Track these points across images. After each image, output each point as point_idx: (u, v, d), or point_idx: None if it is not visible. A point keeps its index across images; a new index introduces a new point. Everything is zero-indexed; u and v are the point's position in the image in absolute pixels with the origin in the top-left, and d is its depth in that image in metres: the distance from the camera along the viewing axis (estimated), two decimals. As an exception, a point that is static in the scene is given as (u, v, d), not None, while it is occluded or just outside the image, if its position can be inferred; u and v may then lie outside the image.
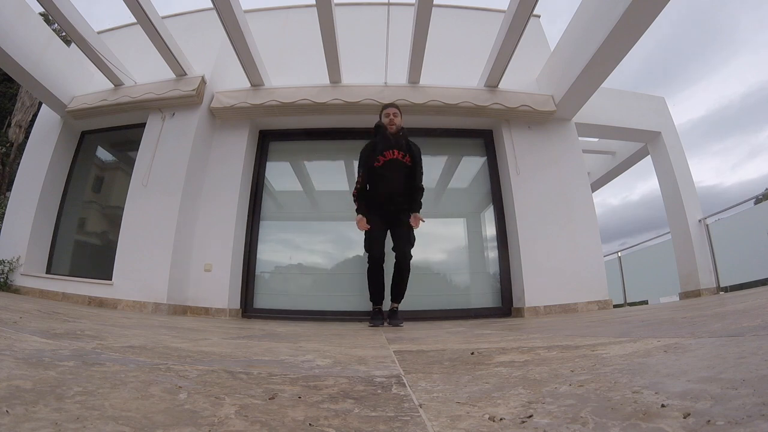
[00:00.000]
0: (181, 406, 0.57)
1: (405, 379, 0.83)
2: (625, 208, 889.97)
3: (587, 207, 4.55)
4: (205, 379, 0.78)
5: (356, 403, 0.62)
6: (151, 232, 4.10)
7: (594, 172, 7.47)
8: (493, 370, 0.89)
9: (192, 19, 5.44)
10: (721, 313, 1.73)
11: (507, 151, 4.61)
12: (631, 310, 3.73)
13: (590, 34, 3.84)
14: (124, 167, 5.20)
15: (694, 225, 5.29)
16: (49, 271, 4.62)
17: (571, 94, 4.39)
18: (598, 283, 4.27)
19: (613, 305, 4.36)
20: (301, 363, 1.05)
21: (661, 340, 1.10)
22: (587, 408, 0.53)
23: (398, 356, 1.22)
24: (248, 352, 1.27)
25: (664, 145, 5.60)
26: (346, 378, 0.84)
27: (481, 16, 5.52)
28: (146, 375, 0.77)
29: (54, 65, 4.62)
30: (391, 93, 4.52)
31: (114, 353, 1.04)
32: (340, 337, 2.02)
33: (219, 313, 4.06)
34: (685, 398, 0.52)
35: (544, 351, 1.16)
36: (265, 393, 0.68)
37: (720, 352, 0.80)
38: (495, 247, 4.62)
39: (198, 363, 0.97)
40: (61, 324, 1.72)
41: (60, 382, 0.64)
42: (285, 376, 0.85)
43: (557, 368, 0.85)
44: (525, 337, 1.69)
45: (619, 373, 0.73)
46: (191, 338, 1.62)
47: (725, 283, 5.12)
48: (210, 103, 4.65)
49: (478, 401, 0.62)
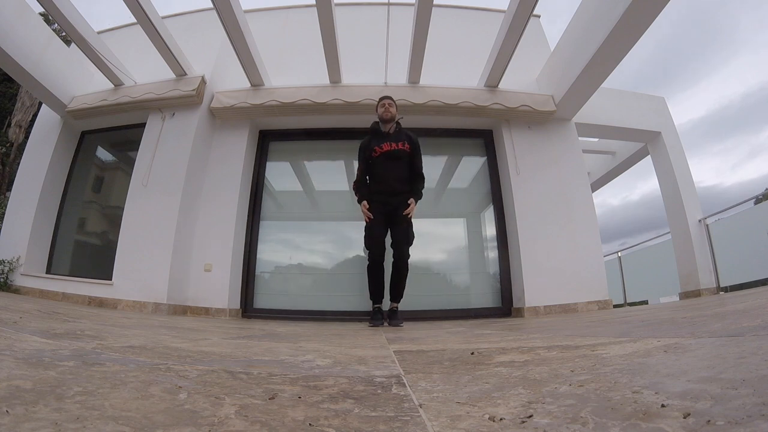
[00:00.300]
0: (181, 406, 0.57)
1: (405, 379, 0.83)
2: (625, 208, 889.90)
3: (587, 207, 4.55)
4: (205, 379, 0.78)
5: (356, 403, 0.62)
6: (151, 232, 4.10)
7: (594, 172, 7.47)
8: (493, 370, 0.89)
9: (192, 19, 5.44)
10: (721, 313, 1.73)
11: (507, 151, 4.61)
12: (631, 310, 3.72)
13: (590, 33, 3.84)
14: (124, 167, 5.21)
15: (694, 225, 5.29)
16: (49, 271, 4.62)
17: (571, 94, 4.39)
18: (598, 283, 4.27)
19: (613, 305, 4.36)
20: (301, 363, 1.05)
21: (661, 340, 1.10)
22: (587, 408, 0.53)
23: (398, 356, 1.22)
24: (248, 352, 1.27)
25: (664, 145, 5.60)
26: (346, 378, 0.84)
27: (481, 16, 5.52)
28: (146, 375, 0.77)
29: (54, 65, 4.62)
30: (391, 93, 4.46)
31: (114, 353, 1.04)
32: (340, 337, 2.02)
33: (219, 313, 4.06)
34: (685, 398, 0.52)
35: (544, 351, 1.16)
36: (265, 393, 0.68)
37: (720, 352, 0.80)
38: (495, 247, 4.62)
39: (198, 363, 0.97)
40: (61, 324, 1.72)
41: (60, 382, 0.64)
42: (285, 376, 0.85)
43: (557, 368, 0.85)
44: (525, 337, 1.69)
45: (619, 373, 0.73)
46: (191, 338, 1.62)
47: (725, 283, 5.12)
48: (210, 103, 4.65)
49: (478, 401, 0.62)
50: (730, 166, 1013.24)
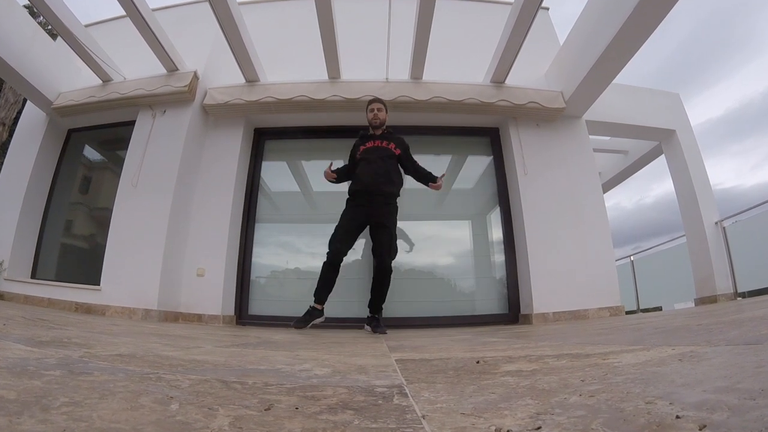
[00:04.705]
0: (172, 417, 0.57)
1: (407, 389, 0.83)
2: (639, 211, 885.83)
3: (598, 208, 4.55)
4: (198, 389, 0.78)
5: (356, 415, 0.62)
6: (141, 235, 4.10)
7: (605, 172, 7.47)
8: (500, 380, 0.89)
9: (184, 12, 5.45)
10: (739, 320, 1.72)
11: (514, 150, 4.60)
12: (644, 317, 3.72)
13: (602, 26, 3.84)
14: (113, 167, 5.21)
15: (710, 227, 5.28)
16: (34, 276, 4.63)
17: (581, 91, 4.39)
18: (610, 288, 4.27)
19: (625, 312, 4.36)
20: (298, 372, 1.05)
21: (676, 348, 1.10)
22: (598, 419, 0.53)
23: (400, 365, 1.22)
24: (243, 360, 1.27)
25: (678, 144, 5.60)
26: (345, 388, 0.84)
27: (487, 8, 5.53)
28: (136, 385, 0.77)
29: (39, 60, 4.63)
30: (392, 89, 4.53)
31: (102, 362, 1.04)
32: (339, 344, 2.02)
33: (212, 320, 4.07)
34: (701, 409, 0.52)
35: (553, 360, 1.16)
36: (261, 404, 0.68)
37: (737, 360, 0.80)
38: (501, 250, 4.62)
39: (190, 372, 0.97)
40: (47, 331, 1.72)
41: (46, 392, 0.64)
42: (281, 385, 0.85)
43: (567, 378, 0.85)
44: (533, 345, 1.69)
45: (632, 382, 0.73)
46: (183, 346, 1.62)
47: (743, 288, 5.10)
48: (203, 99, 4.66)
49: (483, 412, 0.62)
50: (750, 167, 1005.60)
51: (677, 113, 5.76)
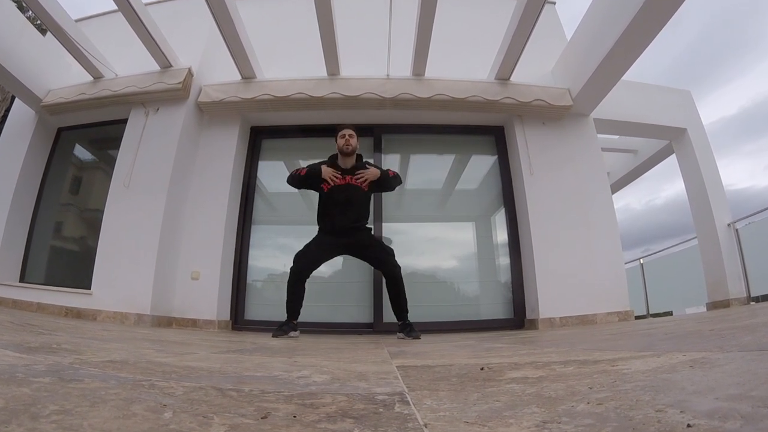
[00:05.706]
0: (166, 425, 0.57)
1: (409, 397, 0.83)
2: (650, 213, 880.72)
3: (607, 209, 4.55)
4: (192, 396, 0.78)
5: (356, 423, 0.62)
6: (133, 238, 4.10)
7: (614, 172, 7.47)
8: (505, 387, 0.89)
9: (178, 6, 5.45)
10: (752, 325, 1.72)
11: (519, 149, 4.61)
12: (654, 322, 3.71)
13: (610, 21, 3.84)
14: (104, 167, 5.22)
15: (722, 229, 5.28)
16: (23, 280, 4.63)
17: (589, 88, 4.39)
18: (619, 292, 4.26)
19: (634, 316, 4.35)
20: (296, 379, 1.05)
21: (687, 355, 1.09)
22: (607, 428, 0.53)
23: (401, 372, 1.22)
24: (239, 367, 1.27)
25: (690, 143, 5.60)
26: (345, 395, 0.84)
27: (491, 2, 5.53)
28: (128, 392, 0.77)
29: (28, 56, 4.64)
30: (393, 86, 4.53)
31: (93, 369, 1.04)
32: (338, 350, 2.02)
33: (207, 325, 4.07)
34: (713, 417, 0.52)
35: (560, 366, 1.16)
36: (258, 412, 0.68)
37: (751, 367, 0.80)
38: (506, 253, 4.61)
39: (184, 379, 0.98)
40: (36, 337, 1.73)
41: (35, 400, 0.65)
42: (279, 393, 0.85)
43: (574, 385, 0.85)
44: (539, 351, 1.69)
45: (642, 390, 0.73)
46: (177, 352, 1.62)
47: (757, 292, 5.10)
48: (197, 97, 4.67)
49: (488, 421, 0.62)
50: (764, 167, 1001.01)
51: (688, 111, 5.76)
